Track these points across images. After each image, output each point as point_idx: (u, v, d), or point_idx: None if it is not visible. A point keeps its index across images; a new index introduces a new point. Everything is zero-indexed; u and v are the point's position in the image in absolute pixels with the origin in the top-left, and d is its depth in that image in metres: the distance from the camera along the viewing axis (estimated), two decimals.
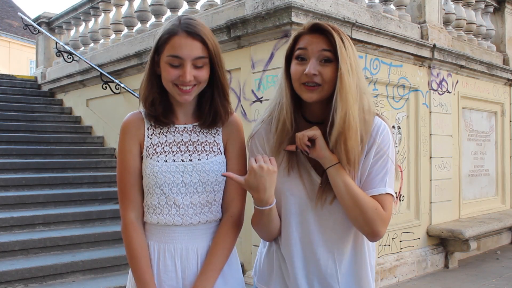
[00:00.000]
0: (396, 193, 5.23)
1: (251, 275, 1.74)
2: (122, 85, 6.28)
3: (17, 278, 3.79)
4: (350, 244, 1.55)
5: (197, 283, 1.53)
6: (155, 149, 1.58)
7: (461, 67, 6.21)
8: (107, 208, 5.12)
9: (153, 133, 1.60)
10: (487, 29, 7.34)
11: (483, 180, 6.92)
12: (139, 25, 6.63)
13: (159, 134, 1.60)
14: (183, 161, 1.57)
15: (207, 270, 1.55)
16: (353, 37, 4.52)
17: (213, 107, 1.59)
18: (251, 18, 4.39)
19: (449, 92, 6.06)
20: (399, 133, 5.35)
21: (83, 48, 7.87)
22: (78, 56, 7.25)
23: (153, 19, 6.32)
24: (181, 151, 1.58)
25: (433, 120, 5.72)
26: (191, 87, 1.51)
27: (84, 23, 7.92)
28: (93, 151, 6.68)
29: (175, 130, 1.61)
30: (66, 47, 7.54)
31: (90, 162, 6.25)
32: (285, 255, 1.57)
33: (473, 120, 6.75)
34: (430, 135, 5.69)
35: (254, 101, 4.53)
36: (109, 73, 6.49)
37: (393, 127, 5.23)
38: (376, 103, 4.99)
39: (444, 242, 5.73)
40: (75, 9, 7.89)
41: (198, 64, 1.50)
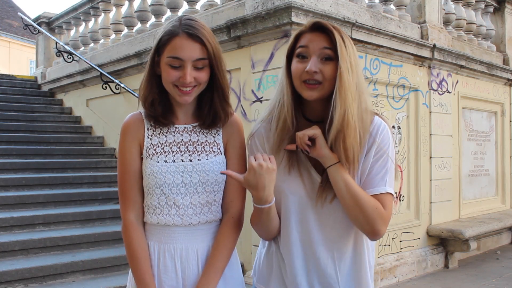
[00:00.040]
0: (396, 193, 5.23)
1: (251, 275, 1.74)
2: (122, 85, 6.28)
3: (17, 278, 3.79)
4: (350, 243, 1.55)
5: (200, 285, 1.53)
6: (155, 149, 1.58)
7: (461, 67, 6.21)
8: (107, 208, 5.12)
9: (153, 133, 1.60)
10: (487, 29, 7.34)
11: (483, 180, 6.92)
12: (139, 25, 6.63)
13: (159, 134, 1.60)
14: (183, 161, 1.57)
15: (209, 271, 1.55)
16: (353, 37, 4.51)
17: (212, 109, 1.59)
18: (251, 18, 4.39)
19: (449, 92, 6.05)
20: (399, 133, 5.35)
21: (83, 48, 7.87)
22: (78, 56, 7.25)
23: (153, 19, 6.32)
24: (181, 151, 1.58)
25: (433, 120, 5.72)
26: (191, 88, 1.51)
27: (84, 23, 7.92)
28: (93, 151, 6.68)
29: (175, 130, 1.61)
30: (66, 47, 7.54)
31: (90, 162, 6.25)
32: (284, 254, 1.57)
33: (473, 120, 6.75)
34: (430, 135, 5.69)
35: (254, 101, 4.53)
36: (109, 73, 6.49)
37: (393, 127, 5.23)
38: (376, 103, 4.99)
39: (444, 242, 5.73)
40: (75, 9, 7.89)
41: (198, 66, 1.50)
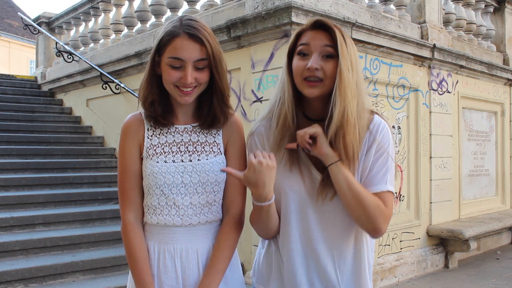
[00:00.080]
0: (396, 193, 5.23)
1: (250, 275, 1.74)
2: (122, 85, 6.28)
3: (17, 278, 3.79)
4: (350, 242, 1.55)
5: (201, 286, 1.53)
6: (155, 149, 1.58)
7: (461, 67, 6.21)
8: (107, 208, 5.12)
9: (153, 133, 1.60)
10: (487, 29, 7.34)
11: (483, 180, 6.92)
12: (139, 25, 6.63)
13: (159, 134, 1.60)
14: (182, 161, 1.57)
15: (211, 272, 1.54)
16: (353, 37, 4.51)
17: (211, 110, 1.59)
18: (251, 18, 4.39)
19: (449, 92, 6.05)
20: (399, 133, 5.35)
21: (83, 48, 7.86)
22: (78, 56, 7.25)
23: (153, 19, 6.32)
24: (181, 152, 1.58)
25: (433, 120, 5.72)
26: (191, 88, 1.51)
27: (84, 23, 7.92)
28: (93, 151, 6.68)
29: (175, 130, 1.60)
30: (66, 47, 7.54)
31: (90, 162, 6.25)
32: (284, 253, 1.57)
33: (473, 120, 6.75)
34: (430, 135, 5.69)
35: (254, 101, 4.53)
36: (109, 73, 6.49)
37: (393, 127, 5.23)
38: (376, 103, 4.99)
39: (444, 242, 5.73)
40: (75, 9, 7.88)
41: (199, 66, 1.50)
